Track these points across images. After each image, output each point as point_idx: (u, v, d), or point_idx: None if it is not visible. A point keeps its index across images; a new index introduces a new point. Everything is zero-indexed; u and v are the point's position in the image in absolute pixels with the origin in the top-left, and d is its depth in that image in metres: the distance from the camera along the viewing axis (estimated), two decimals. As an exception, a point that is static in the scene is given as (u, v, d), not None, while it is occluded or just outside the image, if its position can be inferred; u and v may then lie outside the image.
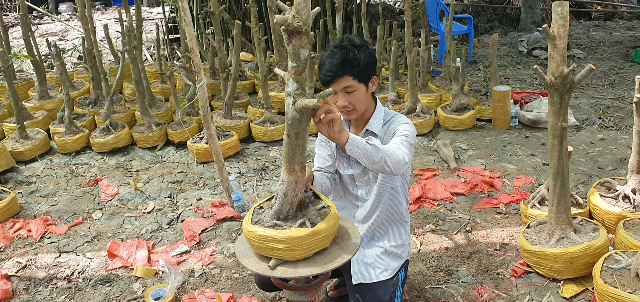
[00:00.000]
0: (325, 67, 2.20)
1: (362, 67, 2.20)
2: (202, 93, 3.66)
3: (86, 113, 5.51)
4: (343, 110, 2.29)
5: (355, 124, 2.46)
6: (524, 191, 3.97)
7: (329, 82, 2.21)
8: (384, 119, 2.42)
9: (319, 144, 2.65)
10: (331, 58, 2.19)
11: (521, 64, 6.92)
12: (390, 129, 2.37)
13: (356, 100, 2.25)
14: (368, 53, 2.25)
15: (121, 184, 4.43)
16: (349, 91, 2.22)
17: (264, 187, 4.25)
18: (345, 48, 2.20)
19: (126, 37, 4.85)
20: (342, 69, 2.17)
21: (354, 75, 2.20)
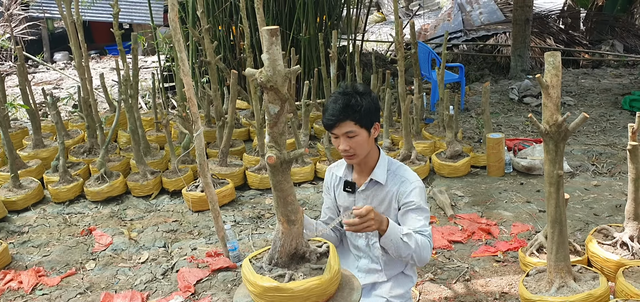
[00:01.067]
0: (328, 112, 2.26)
1: (364, 113, 2.25)
2: (199, 142, 3.66)
3: (81, 162, 5.49)
4: (344, 153, 2.33)
5: (359, 171, 2.48)
6: (521, 238, 3.96)
7: (331, 126, 2.27)
8: (388, 167, 2.44)
9: (325, 198, 2.66)
10: (334, 103, 2.26)
11: (513, 111, 7.01)
12: (401, 190, 2.39)
13: (357, 145, 2.29)
14: (370, 100, 2.30)
15: (115, 233, 4.39)
16: (350, 136, 2.27)
17: (260, 235, 4.22)
18: (348, 94, 2.27)
19: (123, 86, 4.88)
20: (343, 114, 2.23)
21: (356, 121, 2.25)
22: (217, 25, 7.87)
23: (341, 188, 2.53)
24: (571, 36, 10.17)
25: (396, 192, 2.40)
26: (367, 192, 2.46)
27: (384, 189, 2.43)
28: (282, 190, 1.97)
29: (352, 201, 2.52)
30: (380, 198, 2.45)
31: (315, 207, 4.65)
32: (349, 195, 2.51)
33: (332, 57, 5.49)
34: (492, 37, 10.03)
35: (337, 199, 2.59)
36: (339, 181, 2.55)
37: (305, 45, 7.41)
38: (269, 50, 1.82)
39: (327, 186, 2.63)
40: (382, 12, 19.92)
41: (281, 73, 1.86)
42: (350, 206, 2.52)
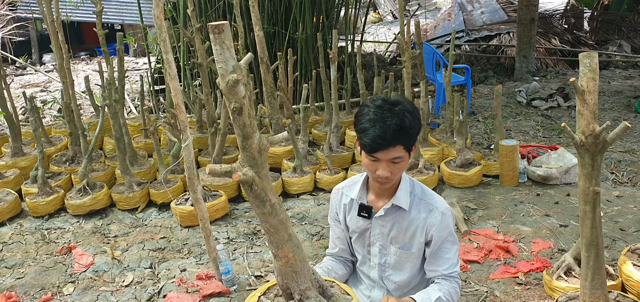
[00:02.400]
0: (376, 133, 1.88)
1: (414, 135, 1.93)
2: (188, 153, 3.28)
3: (62, 171, 5.10)
4: (381, 180, 1.97)
5: (377, 192, 2.13)
6: (543, 257, 3.61)
7: (377, 150, 1.89)
8: (410, 190, 2.11)
9: (331, 226, 2.32)
10: (383, 123, 1.87)
11: (522, 115, 6.67)
12: (430, 221, 2.08)
13: (399, 171, 1.98)
14: (418, 119, 1.95)
15: (97, 252, 4.00)
16: (396, 162, 1.92)
17: (255, 255, 3.85)
18: (400, 114, 1.89)
19: (106, 90, 4.50)
20: (397, 138, 1.87)
21: (405, 145, 1.91)
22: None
23: (355, 212, 2.18)
24: (576, 36, 9.85)
25: (423, 222, 2.07)
26: (386, 219, 2.12)
27: (407, 216, 2.09)
28: (265, 221, 1.73)
29: (366, 227, 2.18)
30: (403, 226, 2.11)
31: (315, 221, 4.28)
32: (364, 220, 2.16)
33: (333, 59, 5.12)
34: (495, 37, 9.70)
35: (349, 224, 2.24)
36: (352, 204, 2.20)
37: (302, 45, 7.05)
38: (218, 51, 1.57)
39: (335, 209, 2.28)
40: (379, 13, 19.59)
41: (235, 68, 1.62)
42: (364, 232, 2.19)
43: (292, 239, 1.87)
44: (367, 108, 1.95)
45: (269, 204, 1.85)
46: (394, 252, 2.14)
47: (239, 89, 1.73)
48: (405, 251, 2.13)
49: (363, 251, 2.23)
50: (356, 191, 2.17)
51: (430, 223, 2.08)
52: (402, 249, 2.13)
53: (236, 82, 1.71)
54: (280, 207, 1.88)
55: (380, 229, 2.15)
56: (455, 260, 2.10)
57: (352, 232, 2.25)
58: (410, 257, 2.13)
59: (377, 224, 2.15)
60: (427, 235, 2.09)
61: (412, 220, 2.09)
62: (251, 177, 1.83)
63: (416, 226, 2.09)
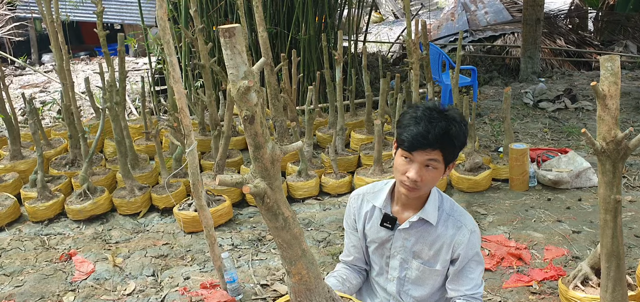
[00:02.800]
0: (419, 132, 1.81)
1: (456, 147, 1.85)
2: (192, 159, 3.18)
3: (62, 175, 5.00)
4: (409, 184, 1.88)
5: (403, 203, 2.03)
6: (557, 264, 3.51)
7: (415, 147, 1.82)
8: (439, 204, 2.01)
9: (346, 232, 2.22)
10: (429, 123, 1.81)
11: (529, 117, 6.57)
12: (457, 239, 1.98)
13: (430, 179, 1.88)
14: (464, 134, 1.87)
15: (98, 259, 3.90)
16: (430, 168, 1.85)
17: (260, 262, 3.74)
18: (449, 118, 1.83)
19: (107, 92, 4.40)
20: (438, 142, 1.81)
21: (445, 154, 1.84)
22: (211, 26, 7.40)
23: (376, 221, 2.08)
24: (581, 37, 9.74)
25: (450, 240, 1.98)
26: (410, 232, 2.02)
27: (434, 231, 2.00)
28: (277, 236, 1.63)
29: (388, 238, 2.08)
30: (429, 241, 2.01)
31: (322, 227, 4.17)
32: (386, 231, 2.06)
33: (338, 60, 5.02)
34: (500, 37, 9.59)
35: (367, 233, 2.13)
36: (373, 212, 2.09)
37: (304, 46, 6.95)
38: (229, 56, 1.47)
39: (354, 215, 2.16)
40: (380, 13, 19.49)
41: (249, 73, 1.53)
42: (384, 243, 2.09)
43: (306, 255, 1.78)
44: (415, 108, 1.89)
45: (282, 218, 1.75)
46: (416, 267, 2.04)
47: (251, 96, 1.63)
48: (429, 267, 2.03)
49: (381, 262, 2.13)
50: (381, 199, 2.07)
51: (457, 241, 1.99)
52: (425, 264, 2.03)
53: (248, 89, 1.61)
54: (294, 220, 1.78)
55: (402, 241, 2.05)
56: (479, 281, 2.01)
57: (370, 242, 2.14)
58: (433, 273, 2.03)
59: (399, 237, 2.05)
60: (453, 253, 1.99)
61: (439, 236, 2.00)
62: (263, 189, 1.72)
63: (443, 242, 2.00)
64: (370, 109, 5.52)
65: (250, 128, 1.66)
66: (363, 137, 5.44)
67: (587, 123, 6.26)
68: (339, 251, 3.81)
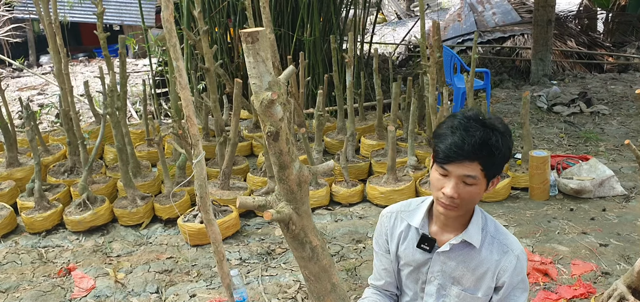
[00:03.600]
0: (455, 142, 1.63)
1: (498, 160, 1.64)
2: (200, 170, 2.97)
3: (61, 183, 4.78)
4: (446, 201, 1.69)
5: (443, 223, 1.82)
6: (586, 281, 3.30)
7: (451, 159, 1.63)
8: (482, 225, 1.81)
9: (377, 253, 2.01)
10: (466, 132, 1.63)
11: (543, 122, 6.36)
12: (503, 264, 1.79)
13: (469, 197, 1.67)
14: (508, 146, 1.66)
15: (98, 274, 3.69)
16: (468, 182, 1.64)
17: (271, 278, 3.53)
18: (488, 127, 1.64)
19: (108, 97, 4.18)
20: (476, 153, 1.62)
21: (485, 167, 1.63)
22: (214, 27, 7.19)
23: (412, 242, 1.87)
24: (592, 38, 9.54)
25: (495, 265, 1.78)
26: (451, 255, 1.82)
27: (477, 255, 1.80)
28: (301, 260, 1.47)
29: (425, 261, 1.87)
30: (471, 266, 1.81)
31: (334, 240, 3.96)
32: (423, 253, 1.86)
33: (349, 63, 4.81)
34: (509, 39, 9.38)
35: (401, 255, 1.92)
36: (409, 232, 1.89)
37: (309, 48, 6.74)
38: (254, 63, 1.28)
39: (386, 235, 1.96)
40: (383, 13, 19.28)
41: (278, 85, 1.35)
42: (420, 267, 1.88)
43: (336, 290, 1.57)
44: (452, 117, 1.71)
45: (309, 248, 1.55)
46: (456, 295, 1.84)
47: (275, 110, 1.43)
48: (470, 294, 1.82)
49: (415, 287, 1.92)
50: (418, 218, 1.87)
51: (503, 267, 1.79)
52: (466, 291, 1.82)
53: (272, 102, 1.41)
54: (324, 250, 1.57)
55: (441, 266, 1.85)
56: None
57: (404, 265, 1.93)
58: (474, 301, 1.83)
59: (438, 260, 1.85)
60: (498, 280, 1.79)
61: (483, 261, 1.80)
62: (288, 215, 1.52)
63: (487, 268, 1.79)
64: (381, 113, 5.31)
65: (275, 145, 1.46)
66: (374, 143, 5.23)
67: (604, 128, 6.05)
68: (353, 266, 3.60)
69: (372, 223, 4.17)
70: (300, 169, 1.48)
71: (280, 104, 1.42)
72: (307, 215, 1.50)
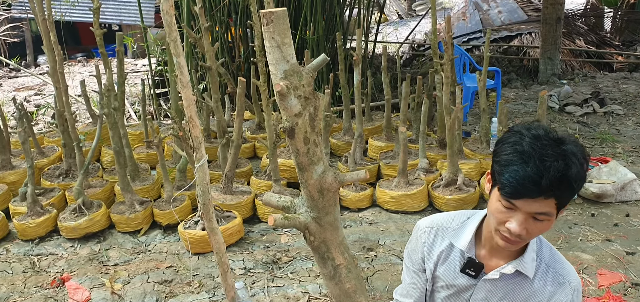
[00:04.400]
0: (528, 176, 1.34)
1: (575, 192, 1.37)
2: (202, 175, 2.75)
3: (55, 187, 4.56)
4: (510, 238, 1.43)
5: (494, 249, 1.60)
6: (615, 293, 3.09)
7: (522, 196, 1.36)
8: (536, 252, 1.59)
9: (409, 269, 1.80)
10: (541, 163, 1.33)
11: (556, 122, 6.15)
12: (558, 299, 1.57)
13: (539, 232, 1.43)
14: (585, 173, 1.39)
15: (94, 285, 3.47)
16: (539, 219, 1.38)
17: (278, 290, 3.32)
18: (568, 155, 1.34)
19: (105, 96, 3.97)
20: (554, 189, 1.33)
21: (560, 202, 1.36)
22: (215, 26, 6.98)
23: (454, 264, 1.66)
24: (601, 37, 9.33)
25: (548, 298, 1.57)
26: (499, 284, 1.60)
27: (529, 286, 1.58)
28: (324, 277, 1.32)
29: (468, 287, 1.65)
30: (521, 297, 1.60)
31: (344, 247, 3.74)
32: (467, 278, 1.64)
33: (357, 61, 4.60)
34: (516, 37, 9.18)
35: (440, 275, 1.70)
36: (451, 251, 1.67)
37: (313, 47, 6.53)
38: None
39: (422, 252, 1.73)
40: (384, 13, 19.08)
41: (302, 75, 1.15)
42: (461, 292, 1.66)
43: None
44: (518, 135, 1.40)
45: (332, 265, 1.34)
46: None
47: (289, 102, 1.21)
48: None
49: None
50: (465, 240, 1.63)
51: (558, 301, 1.57)
52: None
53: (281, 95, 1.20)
54: (349, 272, 1.36)
55: (486, 294, 1.63)
56: None
57: (442, 288, 1.72)
58: None
59: (483, 288, 1.63)
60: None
61: (535, 292, 1.58)
62: (302, 223, 1.32)
63: (538, 300, 1.58)
64: (390, 114, 5.10)
65: (292, 144, 1.25)
66: (382, 144, 5.01)
67: (619, 129, 5.84)
68: (365, 276, 3.38)
69: (383, 229, 3.95)
70: (323, 174, 1.26)
71: (297, 97, 1.20)
72: (332, 227, 1.29)
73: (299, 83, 1.20)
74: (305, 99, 1.21)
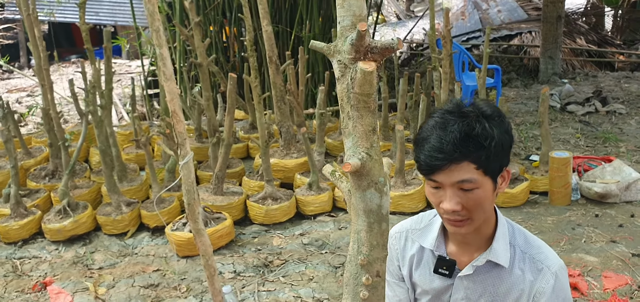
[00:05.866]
0: (432, 146, 1.31)
1: (494, 152, 1.28)
2: (187, 172, 2.61)
3: (41, 188, 4.42)
4: (451, 217, 1.35)
5: (461, 242, 1.48)
6: (621, 296, 2.95)
7: (435, 169, 1.32)
8: (510, 239, 1.45)
9: (389, 282, 1.66)
10: (443, 130, 1.31)
11: (557, 122, 6.01)
12: (540, 286, 1.43)
13: (477, 204, 1.33)
14: (504, 130, 1.31)
15: (77, 289, 3.32)
16: (466, 188, 1.30)
17: (269, 294, 3.17)
18: (468, 115, 1.31)
19: (90, 94, 3.83)
20: (462, 150, 1.29)
21: (479, 164, 1.29)
22: (209, 25, 6.85)
23: (428, 266, 1.53)
24: (602, 36, 9.21)
25: (530, 287, 1.43)
26: (476, 279, 1.47)
27: (507, 277, 1.45)
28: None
29: (445, 288, 1.52)
30: (500, 291, 1.47)
31: (338, 250, 3.60)
32: (442, 279, 1.51)
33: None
34: (516, 37, 9.05)
35: (416, 281, 1.58)
36: (423, 254, 1.55)
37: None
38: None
39: (397, 259, 1.62)
40: (382, 14, 18.96)
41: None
42: (440, 295, 1.53)
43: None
44: (431, 117, 1.39)
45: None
46: None
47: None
48: None
49: None
50: (431, 238, 1.53)
51: (539, 290, 1.43)
52: None
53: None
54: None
55: (465, 292, 1.50)
56: None
57: (421, 294, 1.59)
58: None
59: (461, 286, 1.49)
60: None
61: (514, 283, 1.45)
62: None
63: (520, 291, 1.45)
64: (387, 113, 4.96)
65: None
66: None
67: (622, 128, 5.71)
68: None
69: (379, 231, 3.80)
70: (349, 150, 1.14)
71: (338, 61, 1.10)
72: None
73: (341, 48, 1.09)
74: (344, 66, 1.09)
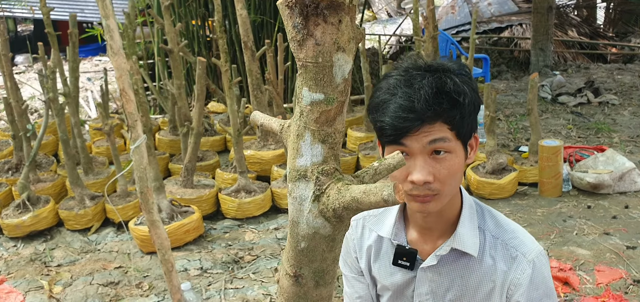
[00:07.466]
0: (400, 105, 1.10)
1: (467, 111, 1.09)
2: (139, 157, 2.37)
3: (2, 183, 4.17)
4: (422, 191, 1.13)
5: (423, 227, 1.27)
6: (615, 291, 2.74)
7: (404, 132, 1.10)
8: (478, 223, 1.24)
9: (346, 278, 1.43)
10: (409, 87, 1.11)
11: (548, 113, 5.81)
12: (515, 277, 1.22)
13: (450, 173, 1.12)
14: (472, 87, 1.12)
15: (31, 287, 3.08)
16: (439, 150, 1.10)
17: (236, 292, 2.93)
18: (437, 69, 1.13)
19: (49, 80, 3.58)
20: (435, 108, 1.09)
21: (453, 125, 1.10)
22: (191, 19, 6.61)
23: (387, 258, 1.31)
24: (594, 28, 9.03)
25: (503, 278, 1.22)
26: (441, 270, 1.26)
27: (477, 267, 1.24)
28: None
29: (408, 282, 1.30)
30: (471, 283, 1.25)
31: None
32: (404, 272, 1.29)
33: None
34: (506, 29, 8.85)
35: (376, 275, 1.36)
36: (381, 245, 1.33)
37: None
38: None
39: (354, 252, 1.40)
40: (372, 11, 18.76)
41: None
42: (403, 290, 1.31)
43: None
44: (386, 78, 1.18)
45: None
46: None
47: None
48: None
49: None
50: (388, 225, 1.31)
51: (514, 280, 1.22)
52: None
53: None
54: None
55: (430, 285, 1.28)
56: None
57: (382, 290, 1.37)
58: None
59: (425, 278, 1.28)
60: (509, 298, 1.23)
61: (485, 274, 1.24)
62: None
63: (493, 283, 1.24)
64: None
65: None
66: (362, 135, 4.65)
67: (615, 118, 5.51)
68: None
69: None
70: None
71: None
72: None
73: None
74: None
